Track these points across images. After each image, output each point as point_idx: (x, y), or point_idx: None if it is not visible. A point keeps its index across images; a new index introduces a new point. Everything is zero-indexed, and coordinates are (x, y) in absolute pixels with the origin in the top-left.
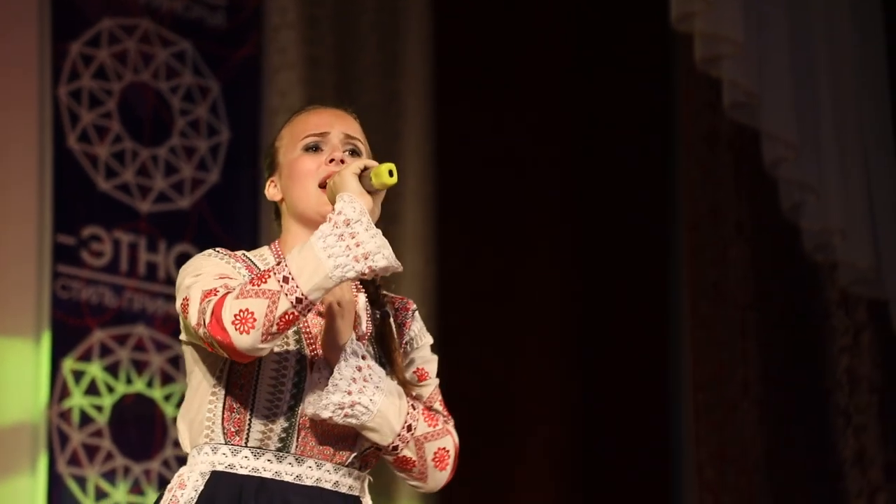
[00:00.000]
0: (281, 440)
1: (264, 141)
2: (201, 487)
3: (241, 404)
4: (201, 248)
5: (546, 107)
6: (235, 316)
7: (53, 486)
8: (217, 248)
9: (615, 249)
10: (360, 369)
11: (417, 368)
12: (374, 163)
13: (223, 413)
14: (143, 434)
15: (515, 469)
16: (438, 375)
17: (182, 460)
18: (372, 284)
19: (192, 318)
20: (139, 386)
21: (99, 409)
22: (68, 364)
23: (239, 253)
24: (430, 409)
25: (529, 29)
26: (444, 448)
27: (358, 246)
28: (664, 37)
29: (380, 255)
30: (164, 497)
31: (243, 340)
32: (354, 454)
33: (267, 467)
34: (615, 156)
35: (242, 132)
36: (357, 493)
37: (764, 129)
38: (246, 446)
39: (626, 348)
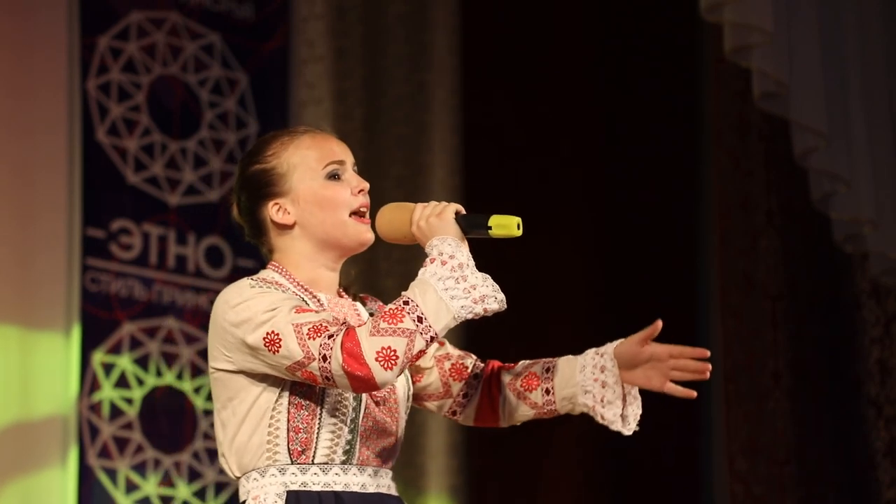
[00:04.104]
0: (345, 452)
1: None
2: None
3: (307, 424)
4: (230, 241)
5: (574, 98)
6: (378, 353)
7: (84, 478)
8: (252, 278)
9: (644, 240)
10: None
11: (439, 355)
12: (461, 207)
13: (288, 434)
14: (173, 426)
15: (543, 460)
16: None
17: (213, 452)
18: (349, 291)
19: (295, 353)
20: (169, 378)
21: (129, 401)
22: (98, 357)
23: (270, 280)
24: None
25: (557, 20)
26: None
27: (474, 289)
28: (693, 27)
29: (492, 298)
30: None
31: (386, 375)
32: (397, 454)
33: (336, 481)
34: (644, 147)
35: (271, 124)
36: (398, 494)
37: (793, 119)
38: (313, 463)
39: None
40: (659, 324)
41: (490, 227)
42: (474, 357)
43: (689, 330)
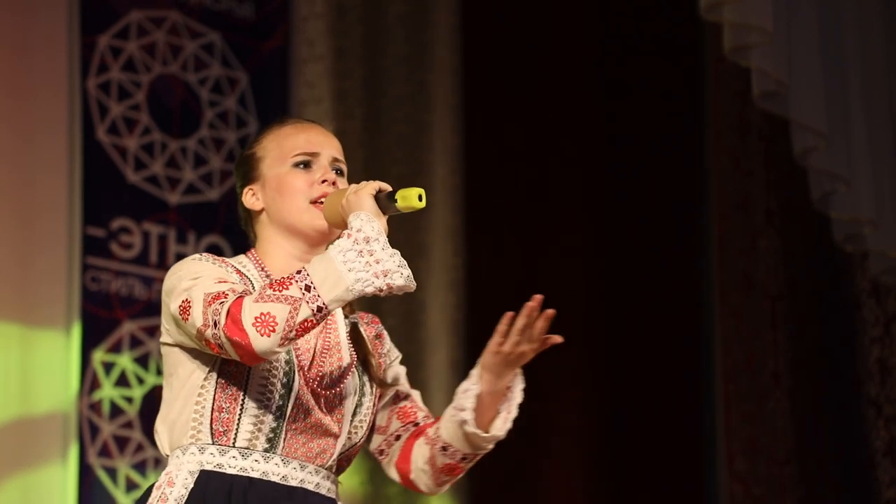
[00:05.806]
0: (269, 440)
1: None
2: (191, 485)
3: (230, 405)
4: (231, 240)
5: (574, 98)
6: (256, 318)
7: (84, 476)
8: (203, 254)
9: (644, 240)
10: None
11: (403, 393)
12: (387, 185)
13: (212, 414)
14: None
15: (543, 460)
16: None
17: None
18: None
19: (197, 319)
20: None
21: (129, 400)
22: (98, 356)
23: (222, 259)
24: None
25: (557, 20)
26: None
27: (377, 263)
28: (693, 27)
29: (398, 273)
30: (153, 494)
31: (263, 342)
32: (335, 456)
33: (254, 467)
34: (644, 147)
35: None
36: (334, 497)
37: (793, 118)
38: (234, 446)
39: (655, 339)
40: (504, 322)
41: (396, 201)
42: (427, 413)
43: (690, 330)
